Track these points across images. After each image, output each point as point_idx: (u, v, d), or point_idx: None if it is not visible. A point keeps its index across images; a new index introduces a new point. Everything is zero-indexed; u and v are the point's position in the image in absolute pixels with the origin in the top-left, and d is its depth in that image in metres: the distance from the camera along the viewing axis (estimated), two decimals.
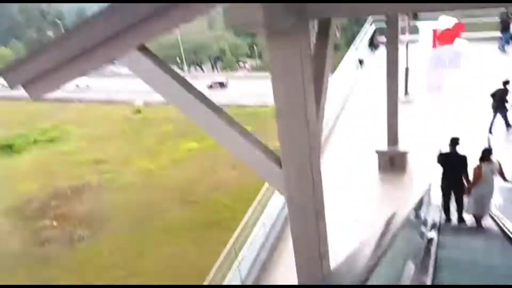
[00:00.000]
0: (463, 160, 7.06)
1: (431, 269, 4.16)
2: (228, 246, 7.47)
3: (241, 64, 75.13)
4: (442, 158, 7.28)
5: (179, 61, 70.07)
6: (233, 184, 31.93)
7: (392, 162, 9.59)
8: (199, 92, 3.01)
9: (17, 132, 47.16)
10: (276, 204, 8.63)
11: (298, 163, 2.93)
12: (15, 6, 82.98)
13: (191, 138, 40.91)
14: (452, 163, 7.15)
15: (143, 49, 2.90)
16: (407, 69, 13.85)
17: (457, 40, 15.62)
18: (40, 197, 33.84)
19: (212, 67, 75.86)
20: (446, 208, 7.55)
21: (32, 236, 29.29)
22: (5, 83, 3.11)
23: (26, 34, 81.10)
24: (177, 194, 32.40)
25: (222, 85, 58.29)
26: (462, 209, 7.29)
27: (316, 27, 3.65)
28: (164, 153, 39.58)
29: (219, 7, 2.42)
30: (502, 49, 16.94)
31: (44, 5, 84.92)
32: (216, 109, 2.98)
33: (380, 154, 9.67)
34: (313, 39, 3.52)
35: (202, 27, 76.44)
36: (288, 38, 2.57)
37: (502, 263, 4.92)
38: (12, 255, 27.43)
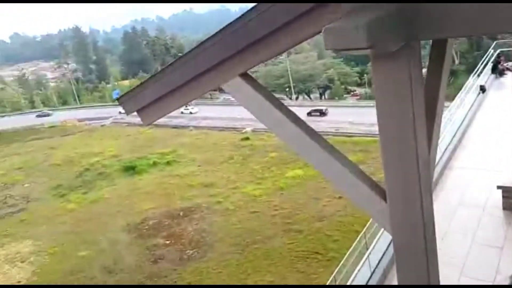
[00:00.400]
0: None
1: None
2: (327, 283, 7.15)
3: (352, 91, 74.11)
4: None
5: (287, 90, 71.64)
6: (338, 214, 31.09)
7: None
8: (299, 119, 2.91)
9: (140, 155, 51.70)
10: (383, 239, 8.10)
11: (406, 199, 2.65)
12: (143, 41, 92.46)
13: (297, 166, 41.17)
14: None
15: (245, 75, 2.91)
16: None
17: None
18: (155, 217, 36.35)
19: (320, 96, 76.06)
20: None
21: (146, 253, 31.40)
22: (122, 110, 3.36)
23: (152, 67, 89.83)
24: (280, 222, 32.50)
25: (321, 113, 58.63)
26: None
27: (429, 50, 3.36)
28: (269, 180, 40.20)
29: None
30: None
31: (168, 40, 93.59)
32: (316, 137, 2.85)
33: (505, 190, 8.57)
34: (425, 63, 3.25)
35: (312, 57, 77.58)
36: (396, 62, 2.36)
37: None
38: (128, 270, 29.65)
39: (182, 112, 66.43)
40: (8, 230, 38.53)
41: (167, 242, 32.45)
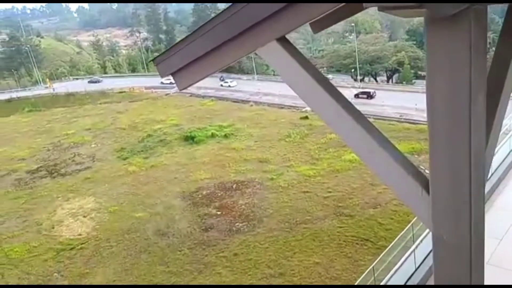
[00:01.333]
0: None
1: None
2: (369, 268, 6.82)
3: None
4: None
5: (352, 71, 69.51)
6: (394, 203, 30.04)
7: None
8: (337, 91, 2.61)
9: (199, 126, 52.84)
10: None
11: (451, 193, 2.30)
12: (212, 13, 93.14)
13: None
14: None
15: (282, 39, 2.64)
16: None
17: None
18: (209, 187, 37.16)
19: (388, 79, 73.12)
20: None
21: (197, 220, 32.30)
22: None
23: None
24: (332, 204, 32.03)
25: (369, 95, 57.66)
26: None
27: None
28: (325, 161, 39.58)
29: None
30: None
31: None
32: (354, 113, 2.54)
33: None
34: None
35: (382, 38, 74.52)
36: (455, 29, 1.98)
37: None
38: (179, 235, 30.72)
39: (221, 85, 68.20)
40: (74, 186, 41.19)
41: (218, 212, 33.13)
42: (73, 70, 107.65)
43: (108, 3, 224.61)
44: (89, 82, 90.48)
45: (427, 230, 7.61)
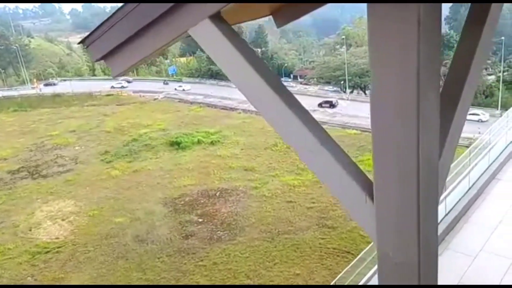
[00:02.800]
0: None
1: None
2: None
3: None
4: None
5: (342, 83, 69.76)
6: None
7: None
8: (277, 80, 2.25)
9: (186, 132, 52.32)
10: None
11: (397, 202, 1.95)
12: None
13: None
14: None
15: (216, 18, 2.27)
16: None
17: None
18: (192, 194, 36.60)
19: None
20: None
21: (178, 227, 31.70)
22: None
23: None
24: (315, 215, 31.70)
25: (331, 104, 60.39)
26: None
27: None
28: (310, 172, 39.09)
29: None
30: None
31: None
32: (294, 106, 2.18)
33: None
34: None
35: None
36: (400, 17, 1.66)
37: None
38: (159, 242, 30.08)
39: (175, 89, 70.36)
40: (54, 188, 40.31)
41: (200, 220, 32.57)
42: (61, 72, 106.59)
43: (102, 5, 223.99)
44: (45, 85, 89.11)
45: None
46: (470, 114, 47.76)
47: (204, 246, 29.24)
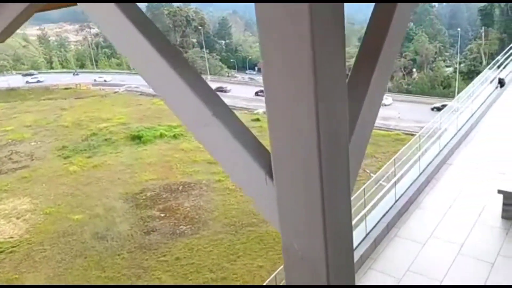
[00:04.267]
0: None
1: None
2: None
3: None
4: None
5: None
6: None
7: None
8: (163, 40, 1.89)
9: (148, 125, 51.20)
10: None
11: (297, 186, 1.65)
12: (165, 11, 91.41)
13: None
14: None
15: None
16: None
17: None
18: (154, 188, 35.82)
19: None
20: None
21: (139, 223, 30.96)
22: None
23: (172, 37, 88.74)
24: None
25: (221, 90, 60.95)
26: None
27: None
28: None
29: None
30: None
31: (191, 12, 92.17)
32: (185, 72, 1.83)
33: (507, 196, 7.41)
34: None
35: None
36: None
37: None
38: (119, 238, 29.28)
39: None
40: (8, 186, 38.53)
41: (162, 215, 31.92)
42: (17, 65, 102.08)
43: None
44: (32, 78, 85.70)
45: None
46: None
47: (166, 241, 28.68)
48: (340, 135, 1.66)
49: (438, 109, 48.18)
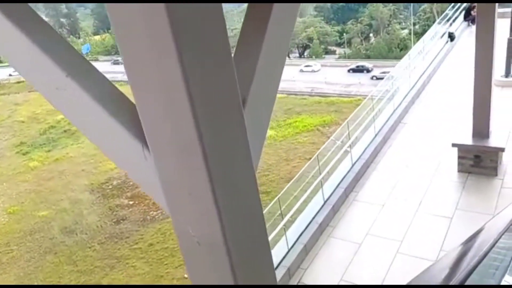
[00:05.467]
0: None
1: None
2: None
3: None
4: None
5: None
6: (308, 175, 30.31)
7: (478, 161, 7.31)
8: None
9: None
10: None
11: (177, 158, 1.35)
12: None
13: (269, 126, 40.20)
14: None
15: None
16: (510, 41, 10.94)
17: None
18: (120, 177, 34.99)
19: (300, 55, 73.95)
20: None
21: (108, 213, 30.30)
22: None
23: None
24: None
25: None
26: None
27: None
28: None
29: None
30: None
31: None
32: (48, 39, 1.47)
33: (461, 148, 7.40)
34: None
35: None
36: None
37: None
38: (89, 231, 28.60)
39: None
40: None
41: (131, 202, 31.33)
42: None
43: None
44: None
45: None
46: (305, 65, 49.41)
47: (138, 228, 28.23)
48: (227, 102, 1.36)
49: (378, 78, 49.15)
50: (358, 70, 54.02)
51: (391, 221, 6.43)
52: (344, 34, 69.40)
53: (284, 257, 5.97)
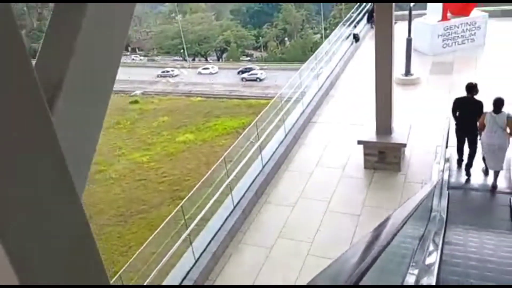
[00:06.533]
0: (478, 105, 6.88)
1: None
2: None
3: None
4: (458, 103, 7.13)
5: (181, 52, 68.34)
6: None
7: (383, 157, 7.50)
8: None
9: None
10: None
11: None
12: None
13: (188, 130, 39.54)
14: (466, 107, 7.01)
15: None
16: (409, 41, 11.55)
17: (474, 11, 13.44)
18: None
19: (218, 58, 73.79)
20: (459, 150, 7.49)
21: None
22: None
23: (28, 22, 79.71)
24: (168, 189, 30.62)
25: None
26: (474, 154, 7.16)
27: None
28: (159, 145, 37.82)
29: None
30: None
31: None
32: None
33: (367, 145, 7.54)
34: None
35: (209, 18, 74.39)
36: None
37: None
38: None
39: None
40: None
41: None
42: None
43: None
44: None
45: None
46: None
47: None
48: (25, 109, 1.04)
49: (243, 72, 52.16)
50: (248, 75, 55.73)
51: (302, 222, 6.33)
52: (260, 38, 70.45)
53: (190, 270, 5.61)
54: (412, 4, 11.81)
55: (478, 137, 6.89)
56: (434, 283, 3.29)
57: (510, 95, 7.09)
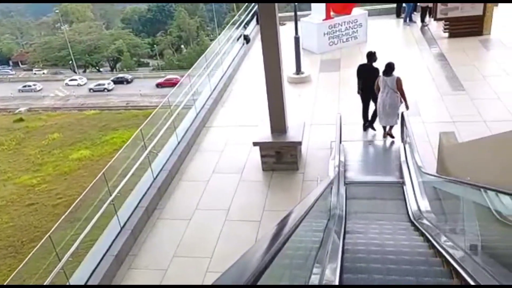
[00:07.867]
0: (375, 70, 8.03)
1: None
2: None
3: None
4: (360, 69, 8.42)
5: (70, 63, 63.94)
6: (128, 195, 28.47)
7: (280, 157, 7.31)
8: None
9: None
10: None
11: None
12: None
13: (83, 146, 36.93)
14: (366, 72, 8.23)
15: None
16: (296, 39, 11.65)
17: (355, 10, 14.11)
18: None
19: (112, 69, 70.25)
20: (364, 114, 8.65)
21: None
22: None
23: None
24: (63, 211, 28.05)
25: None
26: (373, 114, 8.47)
27: None
28: (50, 165, 34.75)
29: None
30: (406, 21, 15.58)
31: None
32: None
33: (263, 147, 7.31)
34: None
35: (97, 27, 70.61)
36: None
37: None
38: None
39: None
40: None
41: None
42: None
43: None
44: None
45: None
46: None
47: None
48: None
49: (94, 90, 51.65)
50: (119, 81, 55.31)
51: (200, 236, 5.85)
52: (155, 46, 68.58)
53: None
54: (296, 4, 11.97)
55: None
56: (338, 273, 3.26)
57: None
